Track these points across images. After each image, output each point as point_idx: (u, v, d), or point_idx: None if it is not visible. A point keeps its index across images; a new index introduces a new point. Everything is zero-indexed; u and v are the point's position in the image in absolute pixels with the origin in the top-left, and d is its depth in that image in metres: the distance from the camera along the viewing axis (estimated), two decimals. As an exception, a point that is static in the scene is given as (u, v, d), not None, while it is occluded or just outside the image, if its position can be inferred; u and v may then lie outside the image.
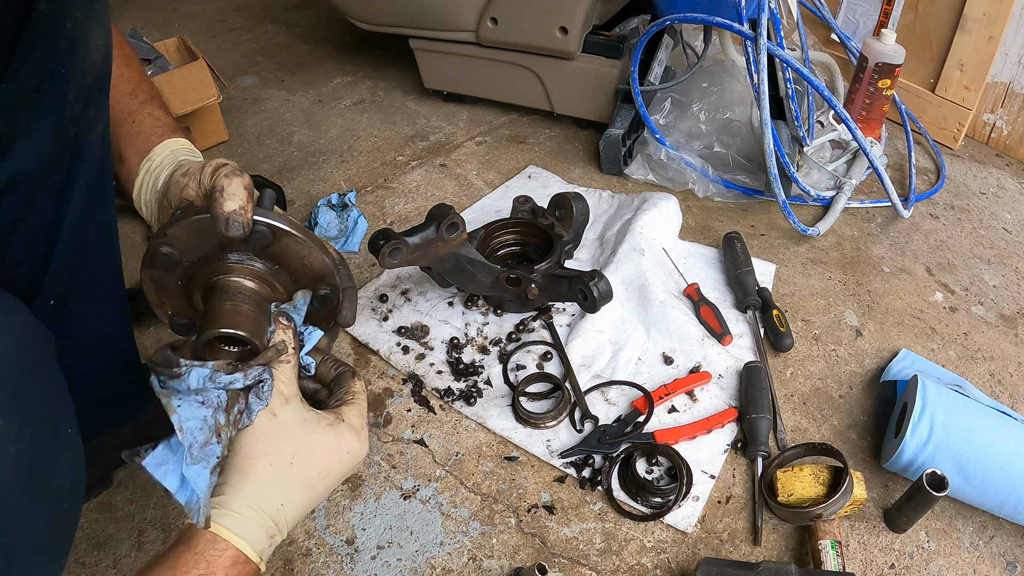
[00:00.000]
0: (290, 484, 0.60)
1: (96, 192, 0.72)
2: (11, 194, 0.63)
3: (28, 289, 0.71)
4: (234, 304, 0.64)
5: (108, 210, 0.76)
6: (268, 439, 0.60)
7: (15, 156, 0.62)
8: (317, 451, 0.62)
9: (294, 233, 0.65)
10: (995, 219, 1.47)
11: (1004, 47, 1.52)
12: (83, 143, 0.68)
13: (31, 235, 0.68)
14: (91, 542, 0.92)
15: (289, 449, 0.60)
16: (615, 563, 0.89)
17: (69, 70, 0.63)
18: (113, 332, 0.86)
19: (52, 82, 0.62)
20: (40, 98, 0.62)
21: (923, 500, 0.86)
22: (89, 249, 0.74)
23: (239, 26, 2.20)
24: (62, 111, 0.64)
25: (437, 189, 1.51)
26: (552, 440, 1.02)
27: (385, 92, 1.86)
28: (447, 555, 0.90)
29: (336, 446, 0.63)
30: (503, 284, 1.13)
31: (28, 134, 0.62)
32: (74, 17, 0.62)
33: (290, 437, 0.61)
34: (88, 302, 0.78)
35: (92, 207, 0.72)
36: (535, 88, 1.64)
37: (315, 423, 0.63)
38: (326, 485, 0.63)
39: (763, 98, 1.30)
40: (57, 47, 0.62)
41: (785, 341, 1.13)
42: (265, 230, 0.63)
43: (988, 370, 1.14)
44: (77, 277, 0.74)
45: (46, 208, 0.68)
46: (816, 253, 1.35)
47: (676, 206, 1.35)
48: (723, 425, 1.02)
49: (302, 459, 0.61)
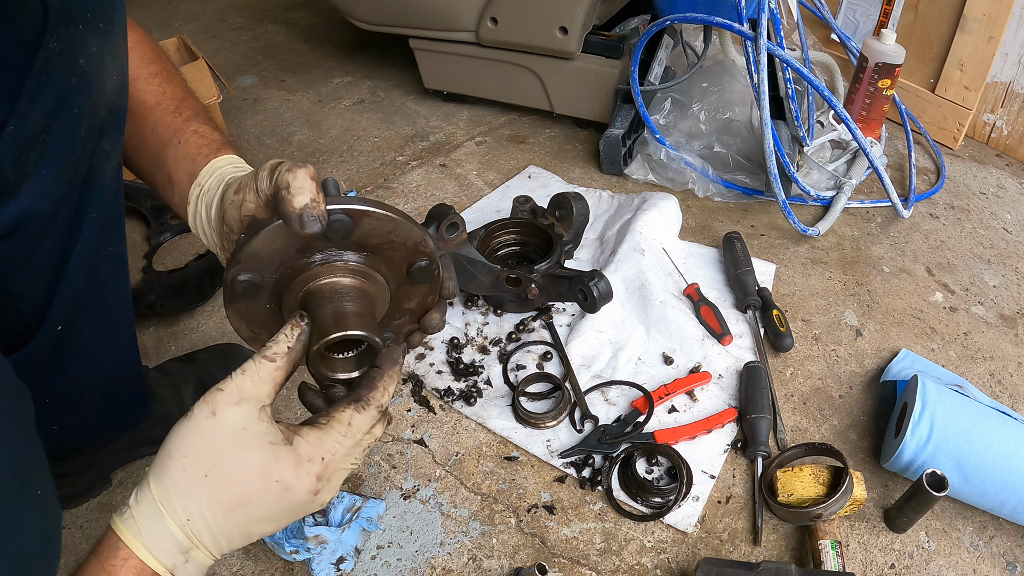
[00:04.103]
0: (200, 499, 0.50)
1: (107, 224, 0.70)
2: (19, 232, 0.61)
3: (35, 317, 0.69)
4: (334, 307, 0.57)
5: (119, 240, 0.74)
6: (193, 438, 0.51)
7: (23, 196, 0.60)
8: (239, 469, 0.51)
9: (374, 211, 0.56)
10: (995, 219, 1.47)
11: (1004, 47, 1.52)
12: (95, 176, 0.66)
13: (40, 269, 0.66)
14: (91, 542, 0.91)
15: (208, 457, 0.51)
16: (615, 563, 0.89)
17: (81, 108, 0.61)
18: (119, 351, 0.86)
19: (62, 120, 0.60)
20: (50, 137, 0.59)
21: (923, 500, 0.86)
22: (99, 277, 0.73)
23: (239, 26, 2.20)
24: (73, 148, 0.62)
25: (437, 189, 1.51)
26: (552, 440, 1.02)
27: (385, 92, 1.86)
28: (447, 555, 0.90)
29: (265, 469, 0.51)
30: (503, 284, 1.13)
31: (37, 174, 0.60)
32: (87, 53, 0.60)
33: (215, 443, 0.51)
34: (96, 325, 0.77)
35: (103, 239, 0.71)
36: (535, 88, 1.64)
37: (255, 436, 0.52)
38: (249, 515, 0.52)
39: (763, 98, 1.30)
40: (68, 85, 0.59)
41: (785, 341, 1.13)
42: (343, 217, 0.55)
43: (988, 370, 1.14)
44: (86, 303, 0.73)
45: (55, 243, 0.66)
46: (816, 253, 1.35)
47: (676, 206, 1.35)
48: (723, 425, 1.02)
49: (219, 473, 0.51)
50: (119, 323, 0.83)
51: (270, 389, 0.53)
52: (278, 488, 0.52)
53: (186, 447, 0.51)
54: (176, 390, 1.01)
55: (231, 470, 0.51)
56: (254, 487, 0.52)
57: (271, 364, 0.53)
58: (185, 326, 1.20)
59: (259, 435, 0.52)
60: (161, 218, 1.38)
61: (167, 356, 1.11)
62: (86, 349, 0.78)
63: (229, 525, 0.52)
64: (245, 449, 0.51)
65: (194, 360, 1.06)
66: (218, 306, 1.24)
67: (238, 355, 1.08)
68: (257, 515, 0.52)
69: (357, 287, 0.59)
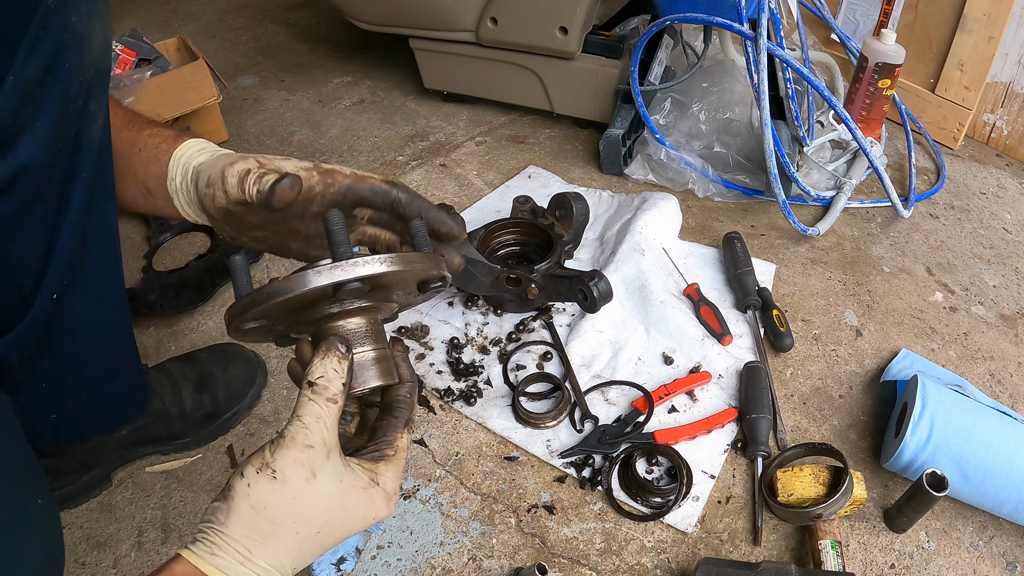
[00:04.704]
0: (308, 550, 0.53)
1: (97, 188, 0.72)
2: (16, 187, 0.63)
3: (30, 285, 0.70)
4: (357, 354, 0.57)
5: (109, 206, 0.75)
6: (300, 505, 0.51)
7: (20, 150, 0.62)
8: (346, 521, 0.54)
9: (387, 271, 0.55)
10: (995, 219, 1.47)
11: (1004, 47, 1.52)
12: (83, 138, 0.68)
13: (34, 229, 0.68)
14: (91, 542, 0.92)
15: (320, 519, 0.52)
16: (615, 563, 0.89)
17: (72, 64, 0.63)
18: (112, 329, 0.86)
19: (56, 76, 0.62)
20: (45, 91, 0.62)
21: (923, 500, 0.86)
22: (89, 244, 0.74)
23: (239, 26, 2.20)
24: (66, 105, 0.64)
25: (437, 189, 1.51)
26: (552, 440, 1.02)
27: (385, 92, 1.86)
28: (447, 555, 0.90)
29: (365, 513, 0.55)
30: (503, 284, 1.13)
31: (33, 127, 0.62)
32: (78, 12, 0.63)
33: (324, 506, 0.52)
34: (88, 298, 0.78)
35: (93, 203, 0.72)
36: (535, 88, 1.64)
37: (350, 487, 0.54)
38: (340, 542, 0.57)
39: (763, 98, 1.30)
40: (62, 40, 0.61)
41: (785, 341, 1.13)
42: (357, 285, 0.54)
43: (988, 370, 1.14)
44: (77, 273, 0.74)
45: (49, 202, 0.67)
46: (816, 253, 1.35)
47: (676, 206, 1.35)
48: (723, 425, 1.02)
49: (329, 528, 0.53)
50: (110, 298, 0.83)
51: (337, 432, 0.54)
52: (372, 522, 0.56)
53: (295, 514, 0.51)
54: (175, 388, 1.01)
55: (339, 524, 0.54)
56: (355, 528, 0.55)
57: (336, 406, 0.53)
58: (185, 326, 1.21)
59: (353, 484, 0.54)
60: (161, 218, 1.38)
61: (167, 356, 1.11)
62: (78, 326, 0.78)
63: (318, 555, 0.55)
64: (348, 502, 0.53)
65: (193, 359, 1.06)
66: (218, 306, 1.24)
67: (237, 354, 1.08)
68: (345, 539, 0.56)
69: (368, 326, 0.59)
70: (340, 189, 0.62)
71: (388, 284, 0.57)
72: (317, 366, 0.53)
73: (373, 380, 0.57)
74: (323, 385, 0.53)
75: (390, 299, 0.60)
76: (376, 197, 0.64)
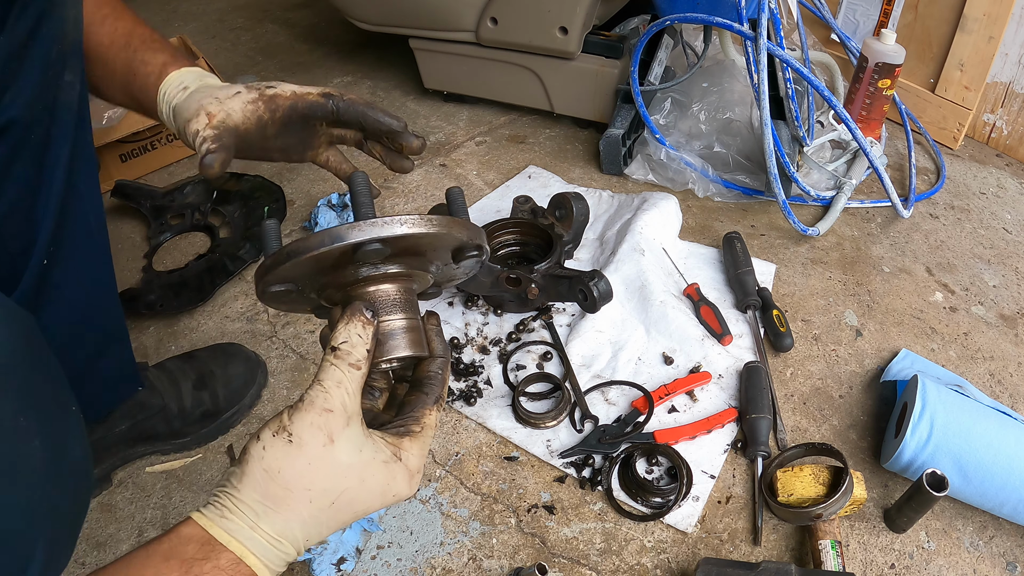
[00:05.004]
0: (322, 522, 0.51)
1: (77, 152, 0.74)
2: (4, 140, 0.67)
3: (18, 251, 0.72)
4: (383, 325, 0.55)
5: (90, 174, 0.78)
6: (315, 472, 0.49)
7: (6, 105, 0.66)
8: (364, 494, 0.52)
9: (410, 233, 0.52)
10: (995, 219, 1.47)
11: (1004, 47, 1.52)
12: (61, 105, 0.71)
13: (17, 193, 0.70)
14: (91, 542, 0.92)
15: (336, 489, 0.50)
16: (615, 563, 0.89)
17: (50, 30, 0.67)
18: (99, 302, 0.86)
19: (38, 39, 0.67)
20: (28, 53, 0.66)
21: (923, 500, 0.86)
22: (71, 212, 0.76)
23: (239, 26, 2.20)
24: (46, 67, 0.68)
25: (437, 189, 1.51)
26: (552, 440, 1.02)
27: (385, 92, 1.86)
28: (447, 555, 0.90)
29: (384, 489, 0.52)
30: (503, 284, 1.13)
31: (17, 84, 0.66)
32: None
33: (340, 475, 0.50)
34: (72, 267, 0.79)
35: (73, 168, 0.74)
36: (535, 88, 1.64)
37: (370, 458, 0.52)
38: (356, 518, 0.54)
39: (763, 98, 1.30)
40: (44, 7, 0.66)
41: (785, 341, 1.13)
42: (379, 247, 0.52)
43: (988, 370, 1.14)
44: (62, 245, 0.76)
45: (30, 164, 0.70)
46: (816, 253, 1.35)
47: (676, 206, 1.35)
48: (723, 425, 1.02)
49: (345, 500, 0.51)
50: (94, 269, 0.83)
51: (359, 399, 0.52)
52: (392, 499, 0.54)
53: (309, 480, 0.49)
54: (175, 385, 1.01)
55: (356, 497, 0.51)
56: (373, 504, 0.53)
57: (359, 372, 0.51)
58: (185, 326, 1.20)
59: (373, 456, 0.52)
60: (161, 218, 1.38)
61: (167, 356, 1.11)
62: (65, 297, 0.79)
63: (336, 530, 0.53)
64: (366, 474, 0.51)
65: (193, 357, 1.07)
66: (218, 306, 1.24)
67: (237, 354, 1.08)
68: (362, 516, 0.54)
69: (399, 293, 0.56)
70: (284, 112, 0.70)
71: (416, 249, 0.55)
72: (341, 331, 0.52)
73: (400, 350, 0.54)
74: (346, 350, 0.51)
75: (426, 268, 0.58)
76: (316, 111, 0.71)
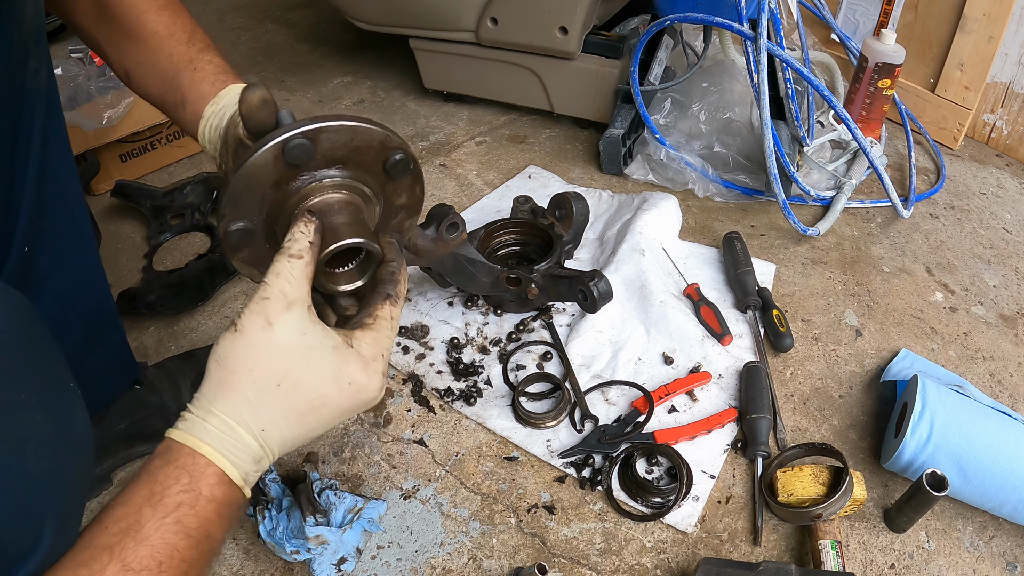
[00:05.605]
0: (274, 409, 0.52)
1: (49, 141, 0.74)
2: None
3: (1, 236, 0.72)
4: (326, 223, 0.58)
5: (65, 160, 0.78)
6: (256, 352, 0.52)
7: None
8: (311, 376, 0.53)
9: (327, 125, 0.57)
10: (995, 219, 1.47)
11: (1004, 47, 1.52)
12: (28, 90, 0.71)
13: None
14: (91, 542, 0.91)
15: (278, 369, 0.52)
16: (615, 563, 0.89)
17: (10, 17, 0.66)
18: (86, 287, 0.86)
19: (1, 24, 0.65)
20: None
21: (923, 500, 0.86)
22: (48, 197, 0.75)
23: (239, 26, 2.20)
24: (10, 54, 0.67)
25: (437, 189, 1.51)
26: (552, 440, 1.02)
27: (385, 92, 1.86)
28: (447, 555, 0.90)
29: (336, 374, 0.54)
30: (503, 284, 1.13)
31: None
32: None
33: (281, 354, 0.52)
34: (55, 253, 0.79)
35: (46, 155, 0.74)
36: (535, 88, 1.64)
37: (317, 342, 0.53)
38: (321, 418, 0.55)
39: (763, 98, 1.30)
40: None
41: (785, 341, 1.13)
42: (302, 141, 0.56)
43: (988, 370, 1.14)
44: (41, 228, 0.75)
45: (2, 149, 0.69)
46: (816, 253, 1.35)
47: (676, 206, 1.35)
48: (723, 425, 1.02)
49: (291, 382, 0.52)
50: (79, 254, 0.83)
51: (307, 288, 0.54)
52: (351, 390, 0.54)
53: (250, 361, 0.52)
54: (174, 384, 1.01)
55: (303, 378, 0.53)
56: (327, 391, 0.54)
57: (301, 261, 0.54)
58: (185, 326, 1.20)
59: (320, 340, 0.53)
60: (161, 218, 1.38)
61: (167, 356, 1.11)
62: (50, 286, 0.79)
63: (301, 429, 0.54)
64: (312, 355, 0.53)
65: (193, 356, 1.07)
66: (218, 306, 1.24)
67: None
68: (329, 417, 0.55)
69: (342, 200, 0.61)
70: None
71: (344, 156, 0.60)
72: (287, 235, 0.56)
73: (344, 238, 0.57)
74: (287, 245, 0.55)
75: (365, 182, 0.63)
76: None
